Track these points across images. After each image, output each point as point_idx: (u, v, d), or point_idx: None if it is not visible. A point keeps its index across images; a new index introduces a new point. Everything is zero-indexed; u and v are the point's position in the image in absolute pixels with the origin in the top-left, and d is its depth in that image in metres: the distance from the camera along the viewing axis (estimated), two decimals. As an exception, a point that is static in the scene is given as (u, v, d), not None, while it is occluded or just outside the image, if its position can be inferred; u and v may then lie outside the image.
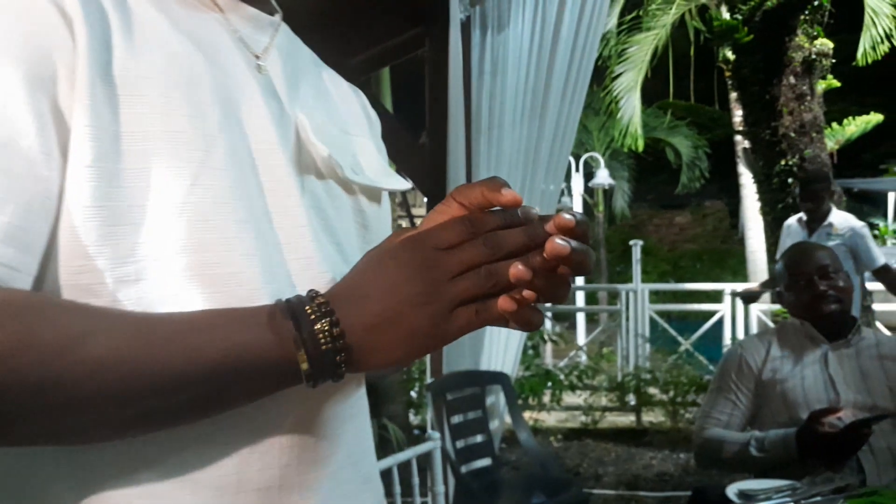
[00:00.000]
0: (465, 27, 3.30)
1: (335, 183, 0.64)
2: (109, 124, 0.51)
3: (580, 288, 7.18)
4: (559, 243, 0.46)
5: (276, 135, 0.59)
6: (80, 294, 0.49)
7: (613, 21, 8.49)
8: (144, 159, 0.52)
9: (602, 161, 9.45)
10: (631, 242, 6.20)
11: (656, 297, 7.11)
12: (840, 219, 3.81)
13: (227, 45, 0.60)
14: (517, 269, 0.46)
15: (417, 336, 0.48)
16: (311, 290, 0.50)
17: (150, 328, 0.48)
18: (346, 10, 2.90)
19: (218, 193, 0.54)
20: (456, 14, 3.11)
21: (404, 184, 0.71)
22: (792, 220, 4.11)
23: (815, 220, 3.84)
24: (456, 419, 2.88)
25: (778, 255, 4.05)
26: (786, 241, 3.94)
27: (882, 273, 3.74)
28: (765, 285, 4.48)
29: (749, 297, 4.78)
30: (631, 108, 8.20)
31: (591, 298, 9.07)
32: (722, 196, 16.47)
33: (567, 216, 0.48)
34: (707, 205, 17.40)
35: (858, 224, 3.80)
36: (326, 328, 0.47)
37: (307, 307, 0.48)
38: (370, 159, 0.69)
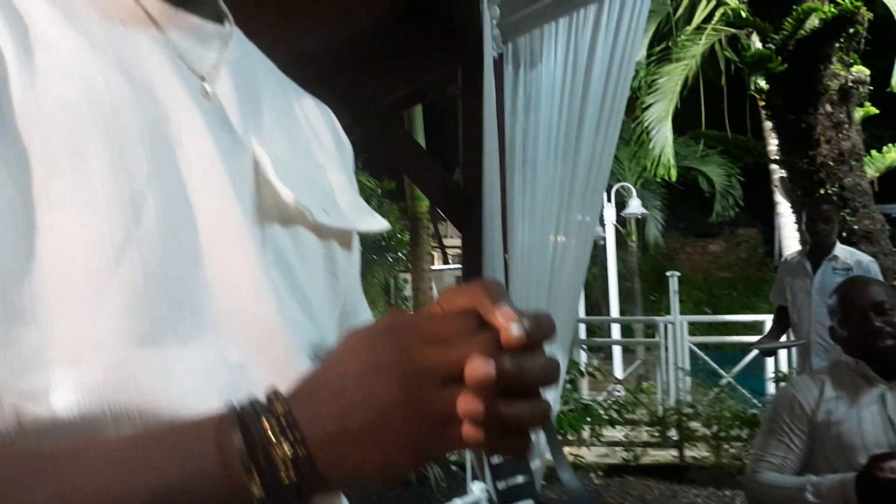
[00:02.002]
0: (498, 64, 3.33)
1: (303, 228, 0.53)
2: (1, 189, 0.39)
3: (616, 320, 7.10)
4: (481, 367, 0.36)
5: (226, 179, 0.47)
6: None
7: (643, 52, 8.50)
8: (50, 235, 0.40)
9: (634, 191, 9.39)
10: (668, 274, 6.13)
11: (694, 328, 6.99)
12: (845, 252, 3.66)
13: (163, 66, 0.48)
14: (466, 398, 0.37)
15: (405, 451, 0.38)
16: (270, 391, 0.39)
17: (72, 464, 0.36)
18: (380, 49, 2.96)
19: (148, 269, 0.42)
20: (489, 51, 3.14)
21: (383, 224, 0.61)
22: (791, 255, 3.95)
23: (820, 253, 3.64)
24: (496, 459, 2.84)
25: (772, 295, 3.89)
26: (786, 278, 3.78)
27: None
28: (772, 334, 4.01)
29: (768, 352, 4.44)
30: (662, 138, 8.16)
31: (626, 329, 8.95)
32: (755, 223, 16.22)
33: (514, 330, 0.37)
34: (741, 232, 17.16)
35: (866, 258, 3.66)
36: (289, 454, 0.37)
37: (264, 420, 0.37)
38: (344, 195, 0.59)
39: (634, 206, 9.24)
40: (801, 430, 1.82)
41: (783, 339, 4.02)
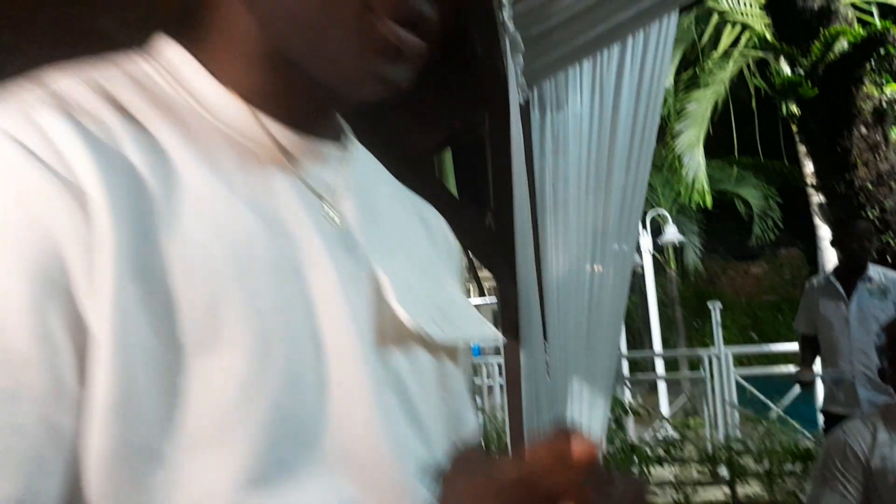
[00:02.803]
0: (524, 109, 3.36)
1: (419, 347, 0.54)
2: (139, 336, 0.40)
3: (659, 354, 6.97)
4: None
5: (349, 308, 0.49)
6: None
7: (670, 79, 8.48)
8: (187, 377, 0.41)
9: (669, 217, 9.30)
10: (709, 303, 6.02)
11: (740, 357, 6.83)
12: (878, 273, 3.38)
13: (290, 193, 0.50)
14: None
15: None
16: None
17: None
18: (410, 96, 3.01)
19: (275, 408, 0.43)
20: (515, 99, 3.17)
21: (495, 333, 0.61)
22: (818, 279, 3.59)
23: (852, 274, 3.37)
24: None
25: (798, 324, 3.58)
26: (814, 304, 3.48)
27: None
28: (807, 363, 3.67)
29: (807, 384, 4.06)
30: (695, 164, 8.10)
31: (670, 360, 8.78)
32: (797, 242, 15.88)
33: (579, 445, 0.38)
34: (783, 253, 16.79)
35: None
36: None
37: None
38: (457, 306, 0.60)
39: (671, 233, 9.14)
40: (855, 478, 1.77)
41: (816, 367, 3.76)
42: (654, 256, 9.79)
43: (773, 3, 5.70)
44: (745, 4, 7.10)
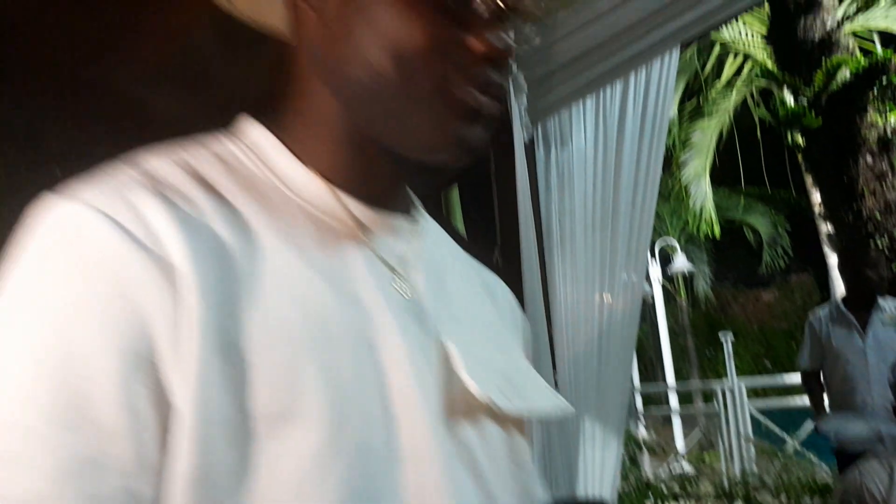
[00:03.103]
0: (529, 147, 3.38)
1: (488, 420, 0.55)
2: (220, 408, 0.41)
3: (672, 388, 6.89)
4: None
5: (419, 380, 0.49)
6: None
7: (674, 109, 8.54)
8: (262, 448, 0.42)
9: (678, 246, 9.27)
10: (721, 334, 5.97)
11: (755, 388, 6.74)
12: (888, 304, 3.26)
13: (363, 265, 0.52)
14: None
15: None
16: None
17: None
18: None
19: (347, 483, 0.44)
20: (519, 138, 3.20)
21: (565, 405, 0.60)
22: (825, 311, 3.38)
23: (863, 304, 3.25)
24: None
25: (802, 359, 3.36)
26: (824, 336, 3.30)
27: None
28: (821, 406, 3.43)
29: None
30: (702, 194, 8.10)
31: (683, 394, 8.68)
32: (808, 268, 15.79)
33: None
34: (793, 279, 16.68)
35: None
36: None
37: None
38: (525, 377, 0.60)
39: (680, 263, 9.11)
40: (874, 521, 1.73)
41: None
42: (664, 286, 9.75)
43: (774, 33, 5.75)
44: (746, 35, 7.16)
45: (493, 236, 3.44)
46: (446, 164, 0.53)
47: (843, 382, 3.25)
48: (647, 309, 9.63)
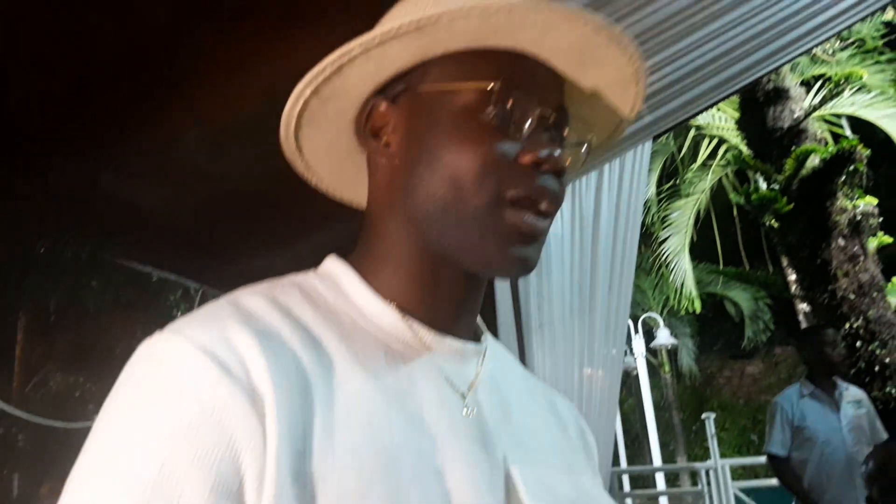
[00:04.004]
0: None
1: None
2: None
3: (659, 469, 6.81)
4: None
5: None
6: None
7: (652, 189, 8.73)
8: None
9: (661, 321, 9.31)
10: (703, 416, 5.94)
11: (740, 468, 6.67)
12: (850, 387, 3.26)
13: (431, 390, 0.55)
14: None
15: None
16: None
17: None
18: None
19: None
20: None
21: None
22: (792, 394, 3.30)
23: (829, 384, 3.22)
24: None
25: (772, 445, 3.24)
26: (797, 418, 3.22)
27: None
28: (801, 494, 3.25)
29: None
30: (682, 271, 8.22)
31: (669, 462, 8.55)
32: (791, 341, 15.84)
33: None
34: (777, 351, 16.71)
35: (857, 388, 3.29)
36: None
37: None
38: (592, 499, 0.61)
39: (663, 337, 9.12)
40: None
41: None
42: (648, 360, 9.73)
43: (745, 122, 5.97)
44: (720, 119, 7.42)
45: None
46: (507, 277, 0.58)
47: (820, 466, 3.14)
48: (632, 383, 9.59)
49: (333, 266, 0.61)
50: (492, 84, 0.56)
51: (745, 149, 6.37)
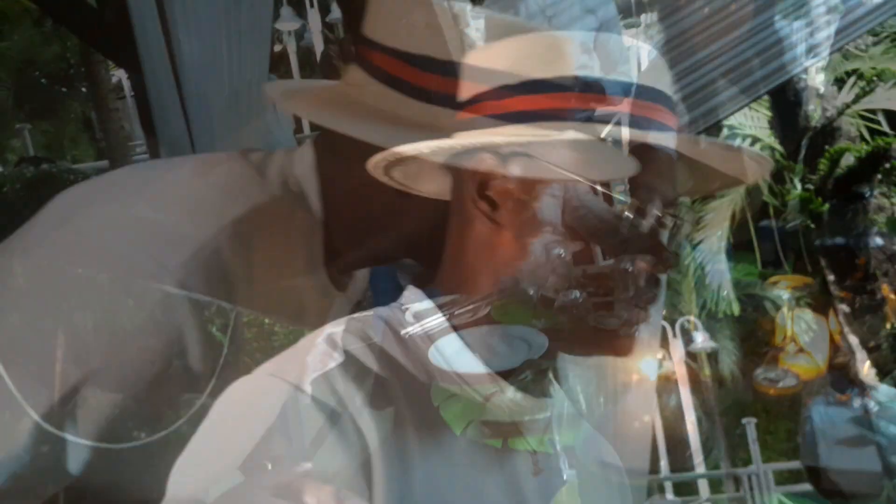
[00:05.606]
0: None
1: None
2: None
3: (701, 476, 6.71)
4: None
5: None
6: None
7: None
8: None
9: (699, 324, 9.13)
10: (744, 421, 5.85)
11: (785, 472, 6.54)
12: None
13: (509, 454, 0.58)
14: None
15: None
16: None
17: None
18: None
19: None
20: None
21: None
22: (820, 400, 3.37)
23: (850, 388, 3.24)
24: None
25: (807, 455, 3.33)
26: (826, 424, 3.27)
27: None
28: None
29: None
30: (718, 273, 8.09)
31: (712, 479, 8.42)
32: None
33: None
34: (823, 352, 16.31)
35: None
36: None
37: None
38: None
39: (701, 341, 8.96)
40: None
41: None
42: (687, 364, 9.58)
43: (778, 121, 5.89)
44: (752, 118, 7.32)
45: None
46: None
47: (858, 474, 3.13)
48: (672, 388, 9.46)
49: (412, 296, 0.62)
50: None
51: (778, 147, 6.29)
